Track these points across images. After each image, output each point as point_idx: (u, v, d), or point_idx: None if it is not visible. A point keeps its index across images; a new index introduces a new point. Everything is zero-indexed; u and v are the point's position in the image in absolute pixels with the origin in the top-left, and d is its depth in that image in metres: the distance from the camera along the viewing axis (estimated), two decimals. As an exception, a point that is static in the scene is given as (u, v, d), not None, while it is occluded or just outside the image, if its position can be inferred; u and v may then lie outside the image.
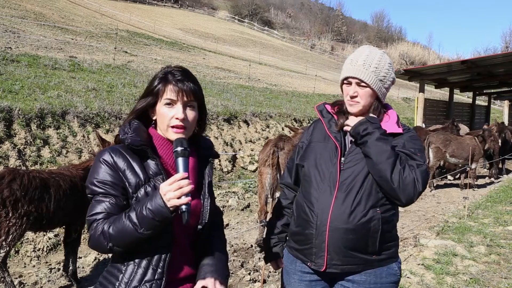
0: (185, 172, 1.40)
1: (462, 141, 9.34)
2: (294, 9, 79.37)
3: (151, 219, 1.36)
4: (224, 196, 7.37)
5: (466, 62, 13.53)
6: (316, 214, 1.84)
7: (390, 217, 1.86)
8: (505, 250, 5.12)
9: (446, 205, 8.10)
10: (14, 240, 3.47)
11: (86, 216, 1.47)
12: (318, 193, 1.86)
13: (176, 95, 1.52)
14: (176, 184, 1.36)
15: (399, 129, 1.89)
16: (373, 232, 1.80)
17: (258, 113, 11.17)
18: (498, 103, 35.81)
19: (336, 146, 1.89)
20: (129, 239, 1.39)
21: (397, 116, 1.97)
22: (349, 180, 1.82)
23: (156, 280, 1.46)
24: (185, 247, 1.57)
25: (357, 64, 1.85)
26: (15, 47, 12.54)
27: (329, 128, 1.95)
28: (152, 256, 1.47)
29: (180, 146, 1.45)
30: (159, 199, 1.36)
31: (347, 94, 1.88)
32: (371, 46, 1.97)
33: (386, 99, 2.00)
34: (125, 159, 1.49)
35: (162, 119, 1.54)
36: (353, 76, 1.85)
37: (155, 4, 53.05)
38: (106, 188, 1.46)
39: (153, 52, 21.04)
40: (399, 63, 58.20)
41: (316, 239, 1.84)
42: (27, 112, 6.61)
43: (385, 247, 1.86)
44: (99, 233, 1.41)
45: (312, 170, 1.91)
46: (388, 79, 1.90)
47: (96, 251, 1.49)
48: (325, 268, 1.84)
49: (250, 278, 4.36)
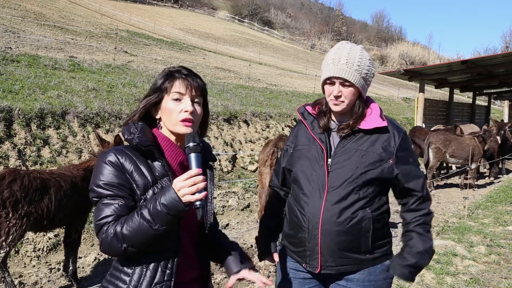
0: (198, 168, 1.39)
1: (462, 141, 9.35)
2: (294, 9, 79.36)
3: (166, 213, 1.34)
4: (224, 196, 7.37)
5: (466, 62, 13.53)
6: (308, 218, 1.84)
7: (380, 215, 1.87)
8: (505, 250, 5.12)
9: (446, 205, 8.10)
10: (14, 240, 3.47)
11: (95, 221, 1.43)
12: (308, 197, 1.85)
13: (185, 88, 1.51)
14: (191, 180, 1.34)
15: (383, 122, 1.87)
16: (364, 232, 1.81)
17: (258, 113, 11.17)
18: (498, 103, 35.81)
19: (322, 148, 1.88)
20: (145, 237, 1.37)
21: (380, 109, 1.95)
22: (337, 182, 1.81)
23: (166, 282, 1.44)
24: (189, 249, 1.56)
25: (340, 63, 1.81)
26: (15, 47, 12.54)
27: (312, 130, 1.93)
28: (161, 257, 1.46)
29: (192, 141, 1.42)
30: (173, 193, 1.34)
31: (331, 94, 1.85)
32: (349, 42, 1.94)
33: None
34: (132, 160, 1.46)
35: (169, 114, 1.51)
36: (337, 76, 1.82)
37: (155, 4, 53.03)
38: (114, 190, 1.42)
39: (153, 52, 21.03)
40: (399, 63, 58.21)
41: (309, 243, 1.85)
42: (27, 112, 6.61)
43: (378, 246, 1.87)
44: (112, 236, 1.37)
45: (300, 174, 1.91)
46: (369, 75, 1.89)
47: (109, 254, 1.47)
48: (320, 269, 1.85)
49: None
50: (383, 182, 1.85)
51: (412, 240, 1.86)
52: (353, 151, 1.84)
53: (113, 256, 1.48)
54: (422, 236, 1.85)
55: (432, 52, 74.31)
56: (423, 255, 1.84)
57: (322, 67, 1.90)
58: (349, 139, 1.87)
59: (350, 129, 1.86)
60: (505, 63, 13.65)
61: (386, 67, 57.53)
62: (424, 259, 1.85)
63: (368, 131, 1.86)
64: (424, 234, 1.86)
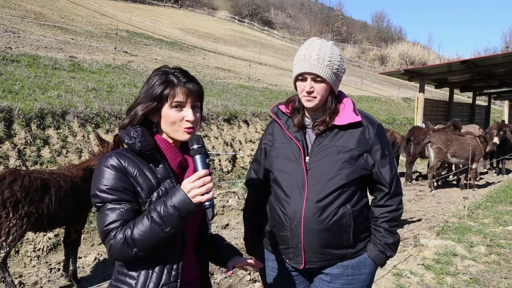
0: (204, 169, 1.40)
1: (464, 141, 9.34)
2: (294, 9, 79.35)
3: (177, 215, 1.35)
4: (224, 196, 7.37)
5: (466, 62, 13.54)
6: (289, 217, 1.86)
7: (360, 210, 1.90)
8: (505, 250, 5.12)
9: (446, 205, 8.10)
10: (14, 240, 3.48)
11: (101, 227, 1.40)
12: (289, 196, 1.87)
13: (186, 97, 1.49)
14: (201, 180, 1.36)
15: (357, 117, 1.88)
16: (345, 227, 1.84)
17: (258, 113, 11.17)
18: (498, 103, 35.81)
19: (298, 147, 1.89)
20: (156, 240, 1.37)
21: (353, 103, 1.96)
22: (317, 180, 1.83)
23: (172, 283, 1.45)
24: (191, 250, 1.57)
25: (311, 59, 1.82)
26: (15, 47, 12.54)
27: (288, 129, 1.94)
28: (167, 259, 1.46)
29: (196, 144, 1.44)
30: (182, 195, 1.35)
31: (303, 90, 1.86)
32: (320, 38, 1.96)
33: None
34: (135, 164, 1.45)
35: (170, 122, 1.50)
36: (308, 72, 1.83)
37: (155, 4, 53.03)
38: (119, 194, 1.41)
39: (153, 52, 21.02)
40: (399, 63, 58.19)
41: (292, 241, 1.87)
42: (27, 112, 6.61)
43: (359, 239, 1.92)
44: (122, 241, 1.36)
45: (280, 173, 1.92)
46: (340, 70, 1.90)
47: (119, 260, 1.44)
48: (304, 265, 1.89)
49: (250, 278, 4.37)
50: (360, 177, 1.87)
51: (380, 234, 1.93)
52: (330, 148, 1.86)
53: (123, 261, 1.46)
54: (388, 231, 1.92)
55: (432, 52, 74.31)
56: (390, 247, 1.94)
57: (294, 64, 1.91)
58: (325, 135, 1.88)
59: (325, 125, 1.87)
60: (505, 63, 13.66)
61: (386, 67, 57.51)
62: (392, 250, 1.96)
63: (343, 127, 1.88)
64: (390, 230, 1.93)
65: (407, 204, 7.96)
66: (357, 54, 63.08)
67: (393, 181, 1.91)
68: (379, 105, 21.00)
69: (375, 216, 1.94)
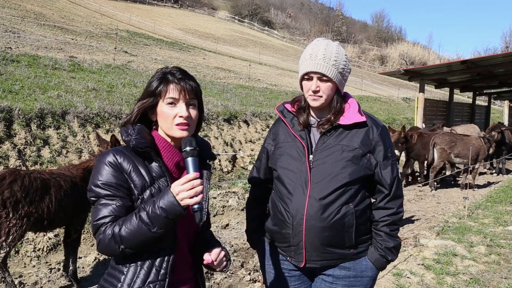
0: (195, 171, 1.41)
1: (468, 141, 9.34)
2: (294, 9, 79.39)
3: (164, 217, 1.37)
4: (224, 196, 7.36)
5: (466, 62, 13.54)
6: (292, 214, 1.87)
7: (363, 210, 1.90)
8: (505, 250, 5.12)
9: (446, 205, 8.10)
10: (14, 240, 3.48)
11: (92, 221, 1.45)
12: (292, 194, 1.88)
13: (179, 93, 1.51)
14: (189, 183, 1.37)
15: (362, 117, 1.90)
16: (347, 227, 1.84)
17: (258, 113, 11.17)
18: (498, 103, 35.82)
19: (303, 145, 1.90)
20: (142, 240, 1.39)
21: (358, 104, 1.97)
22: (320, 178, 1.84)
23: (159, 281, 1.46)
24: (184, 249, 1.58)
25: (317, 58, 1.84)
26: (15, 47, 12.54)
27: (292, 128, 1.95)
28: (156, 256, 1.47)
29: (189, 145, 1.45)
30: (171, 197, 1.37)
31: (309, 89, 1.88)
32: (325, 38, 1.97)
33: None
34: (130, 161, 1.48)
35: (165, 118, 1.52)
36: (314, 71, 1.84)
37: (155, 4, 53.04)
38: (112, 190, 1.44)
39: (153, 52, 21.03)
40: (399, 63, 58.21)
41: (293, 238, 1.88)
42: (27, 112, 6.61)
43: (361, 240, 1.91)
44: (110, 237, 1.39)
45: (283, 171, 1.93)
46: (346, 70, 1.92)
47: (106, 255, 1.49)
48: (305, 263, 1.89)
49: (250, 278, 4.37)
50: (364, 177, 1.88)
51: (381, 238, 1.93)
52: (334, 147, 1.87)
53: (110, 256, 1.50)
54: (388, 235, 1.92)
55: (432, 52, 74.36)
56: (391, 251, 1.94)
57: (300, 63, 1.92)
58: (329, 134, 1.89)
59: (330, 124, 1.88)
60: (505, 63, 13.65)
61: (386, 67, 57.54)
62: (393, 254, 1.95)
63: (348, 127, 1.89)
64: (391, 234, 1.92)
65: (407, 204, 7.96)
66: (357, 54, 63.08)
67: (393, 183, 1.92)
68: (379, 105, 21.01)
69: (376, 220, 1.94)
